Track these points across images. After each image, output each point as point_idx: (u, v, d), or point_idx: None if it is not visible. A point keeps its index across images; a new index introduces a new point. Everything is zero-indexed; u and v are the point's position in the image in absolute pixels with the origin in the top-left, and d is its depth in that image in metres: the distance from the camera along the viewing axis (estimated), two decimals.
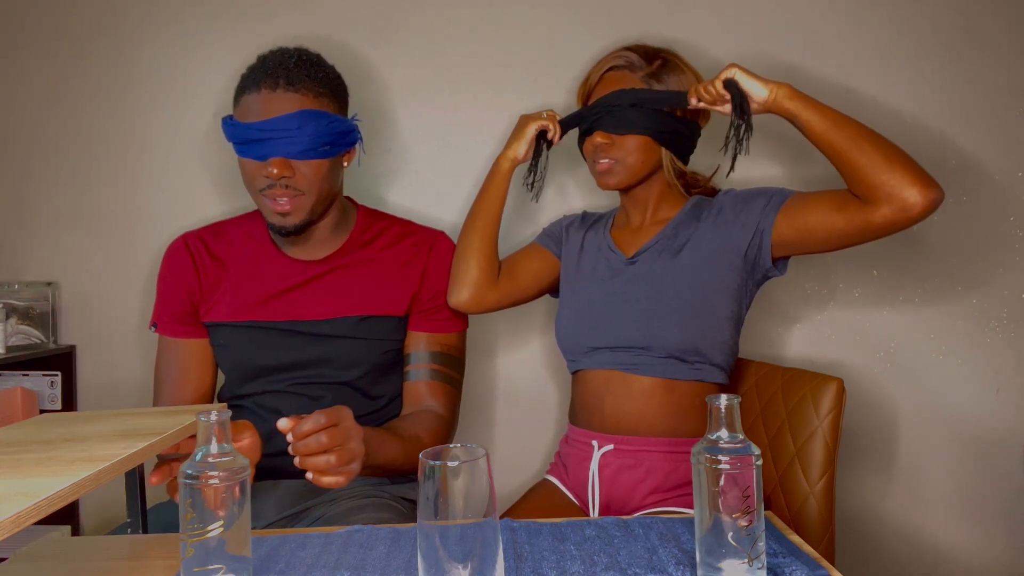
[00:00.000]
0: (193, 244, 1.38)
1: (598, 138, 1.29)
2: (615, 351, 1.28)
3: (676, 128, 1.29)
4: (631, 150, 1.28)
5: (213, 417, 0.74)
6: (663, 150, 1.31)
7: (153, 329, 1.39)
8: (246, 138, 1.22)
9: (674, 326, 1.24)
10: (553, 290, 1.47)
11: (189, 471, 0.73)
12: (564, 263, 1.43)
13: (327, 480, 0.96)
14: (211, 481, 0.73)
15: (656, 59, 1.30)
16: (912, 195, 1.08)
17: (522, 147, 1.38)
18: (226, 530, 0.74)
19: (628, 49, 1.32)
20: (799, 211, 1.20)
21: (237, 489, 0.74)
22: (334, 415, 0.97)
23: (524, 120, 1.39)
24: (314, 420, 0.95)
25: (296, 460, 0.95)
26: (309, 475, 0.96)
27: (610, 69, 1.32)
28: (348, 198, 1.43)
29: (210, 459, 0.74)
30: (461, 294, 1.36)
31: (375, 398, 1.35)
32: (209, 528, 0.73)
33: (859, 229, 1.14)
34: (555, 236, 1.46)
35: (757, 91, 1.17)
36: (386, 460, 1.13)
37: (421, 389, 1.34)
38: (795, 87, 1.17)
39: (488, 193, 1.40)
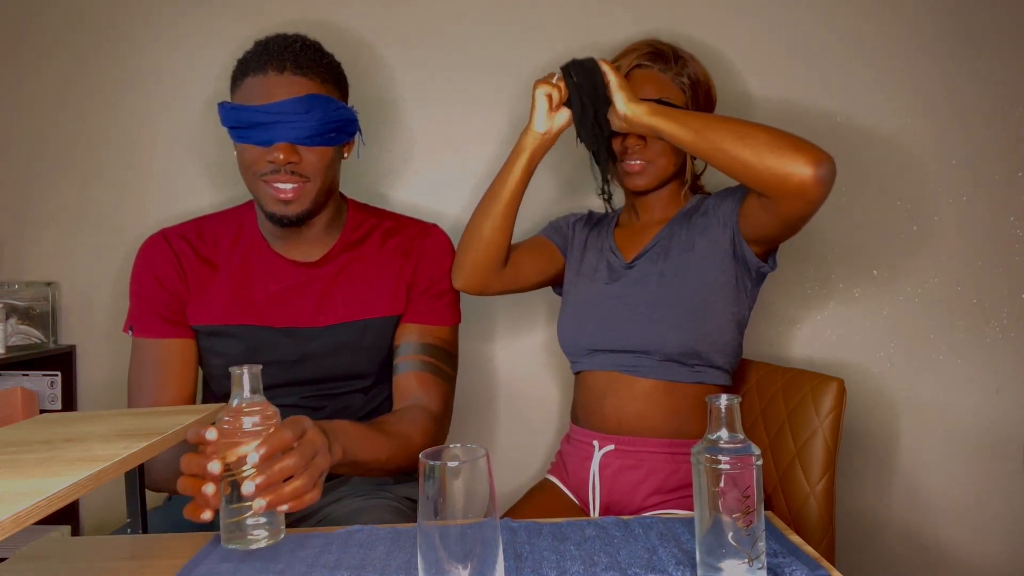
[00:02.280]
0: (176, 243, 1.30)
1: (632, 139, 1.28)
2: (615, 353, 1.28)
3: None
4: (662, 152, 1.29)
5: (246, 370, 0.83)
6: (687, 155, 1.32)
7: (130, 332, 1.29)
8: (249, 122, 1.16)
9: (673, 330, 1.24)
10: (555, 282, 1.47)
11: (226, 418, 0.81)
12: (568, 262, 1.42)
13: (304, 500, 0.84)
14: (246, 426, 0.81)
15: (678, 58, 1.30)
16: (797, 180, 1.02)
17: (538, 117, 1.24)
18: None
19: (653, 47, 1.31)
20: (746, 210, 1.20)
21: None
22: (296, 427, 0.86)
23: (535, 86, 1.25)
24: (276, 438, 0.83)
25: (259, 501, 0.80)
26: (260, 503, 0.80)
27: (638, 66, 1.30)
28: (339, 193, 1.40)
29: (244, 406, 0.82)
30: (461, 277, 1.33)
31: (374, 398, 1.34)
32: (244, 469, 0.80)
33: (782, 220, 1.12)
34: (562, 231, 1.46)
35: (618, 106, 1.17)
36: (368, 458, 1.05)
37: (411, 382, 1.27)
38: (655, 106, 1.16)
39: (504, 173, 1.28)
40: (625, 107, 1.16)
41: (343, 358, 1.28)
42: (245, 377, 0.83)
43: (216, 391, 1.34)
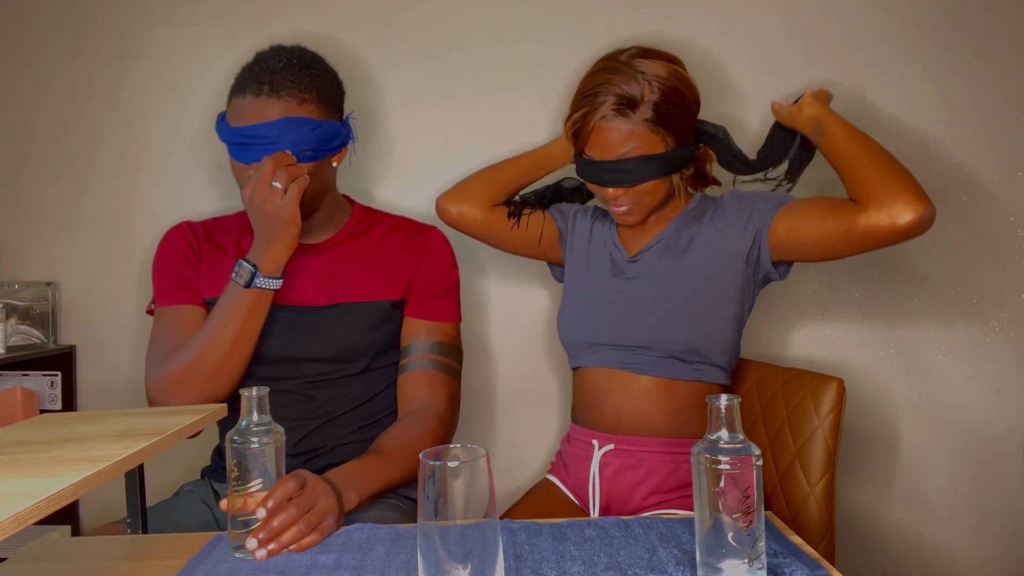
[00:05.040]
0: (195, 228, 1.39)
1: (610, 191, 1.25)
2: (615, 348, 1.28)
3: (681, 156, 1.25)
4: (646, 192, 1.24)
5: (254, 392, 0.90)
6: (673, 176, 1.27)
7: (153, 307, 1.34)
8: (232, 141, 1.23)
9: (674, 327, 1.24)
10: (547, 255, 1.46)
11: (236, 437, 0.89)
12: (569, 252, 1.42)
13: (305, 543, 0.92)
14: (252, 445, 0.89)
15: (641, 84, 1.19)
16: (903, 203, 1.07)
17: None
18: (265, 487, 0.90)
19: (614, 96, 1.19)
20: (794, 214, 1.20)
21: (274, 452, 0.91)
22: (298, 479, 0.94)
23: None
24: (281, 491, 0.91)
25: (260, 552, 0.88)
26: (261, 553, 0.88)
27: (603, 117, 1.20)
28: (345, 196, 1.43)
29: (252, 427, 0.90)
30: (450, 198, 1.43)
31: (368, 386, 1.34)
32: (251, 484, 0.90)
33: (845, 232, 1.12)
34: (564, 212, 1.46)
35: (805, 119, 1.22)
36: (384, 486, 1.11)
37: (421, 382, 1.31)
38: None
39: (520, 167, 1.44)
40: (810, 125, 1.21)
41: (337, 338, 1.30)
42: (253, 400, 0.90)
43: None
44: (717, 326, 1.25)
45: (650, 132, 1.20)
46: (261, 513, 0.89)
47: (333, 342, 1.30)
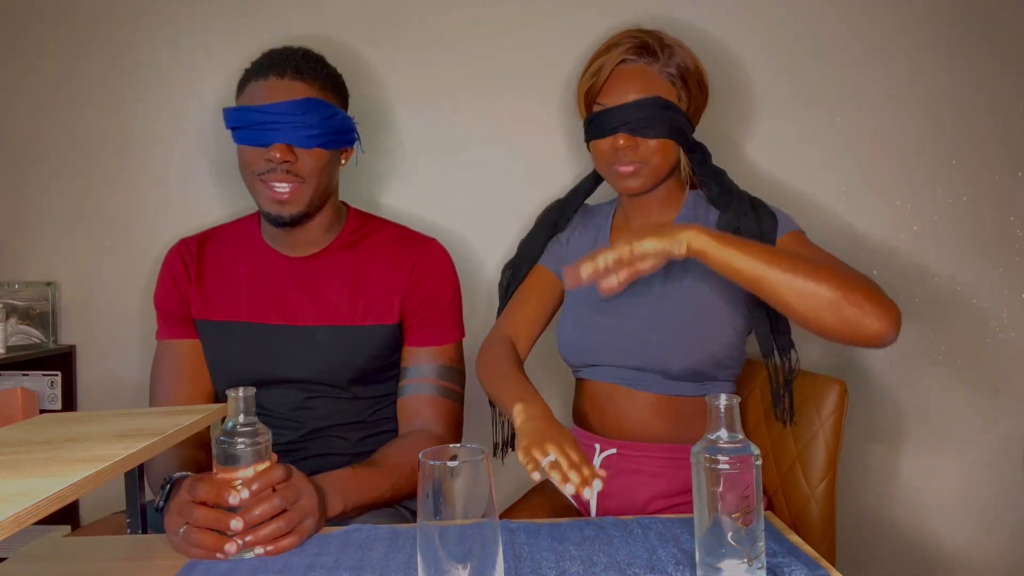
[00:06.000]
0: (186, 247, 1.37)
1: (622, 140, 1.21)
2: (615, 368, 1.26)
3: (690, 126, 1.26)
4: (655, 151, 1.22)
5: (241, 393, 0.89)
6: (681, 151, 1.26)
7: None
8: (249, 121, 1.20)
9: (673, 353, 1.20)
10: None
11: (222, 437, 0.89)
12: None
13: (282, 544, 0.90)
14: (239, 446, 0.88)
15: (664, 47, 1.23)
16: (865, 340, 1.05)
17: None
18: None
19: (637, 38, 1.23)
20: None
21: (260, 453, 0.90)
22: (283, 471, 0.93)
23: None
24: (268, 476, 0.91)
25: (235, 545, 0.87)
26: (258, 551, 0.89)
27: (622, 61, 1.23)
28: (342, 202, 1.41)
29: (239, 428, 0.89)
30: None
31: (362, 402, 1.33)
32: (235, 481, 0.89)
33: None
34: (557, 254, 1.41)
35: (676, 249, 1.01)
36: (370, 498, 1.09)
37: (420, 405, 1.29)
38: (705, 231, 1.01)
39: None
40: (681, 246, 1.00)
41: (328, 357, 1.28)
42: (240, 400, 0.89)
43: (216, 386, 1.35)
44: (718, 346, 1.21)
45: (669, 84, 1.22)
46: (245, 495, 0.88)
47: (325, 364, 1.28)
